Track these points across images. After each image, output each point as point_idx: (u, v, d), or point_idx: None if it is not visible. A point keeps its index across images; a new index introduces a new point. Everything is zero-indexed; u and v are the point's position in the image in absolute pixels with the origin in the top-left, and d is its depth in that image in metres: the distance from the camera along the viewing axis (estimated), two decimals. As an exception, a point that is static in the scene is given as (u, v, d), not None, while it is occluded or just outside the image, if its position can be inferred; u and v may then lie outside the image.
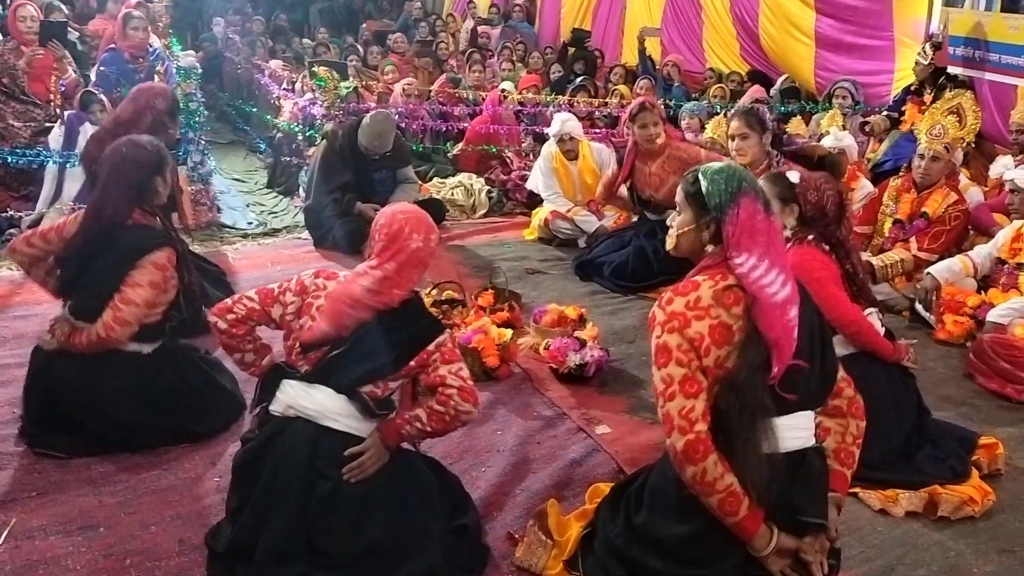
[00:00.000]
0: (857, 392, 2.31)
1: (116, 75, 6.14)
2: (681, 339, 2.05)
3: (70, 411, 3.02)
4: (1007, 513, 2.92)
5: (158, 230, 3.10)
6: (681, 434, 2.02)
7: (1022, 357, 3.77)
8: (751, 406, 2.00)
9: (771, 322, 2.02)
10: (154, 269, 2.99)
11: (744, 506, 2.03)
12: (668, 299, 2.11)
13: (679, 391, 2.04)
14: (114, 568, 2.47)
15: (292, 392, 2.42)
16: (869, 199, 5.09)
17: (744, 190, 2.10)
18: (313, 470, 2.35)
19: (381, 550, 2.37)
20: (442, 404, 2.36)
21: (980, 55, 6.22)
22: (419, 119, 7.30)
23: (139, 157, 3.09)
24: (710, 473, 2.01)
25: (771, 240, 2.09)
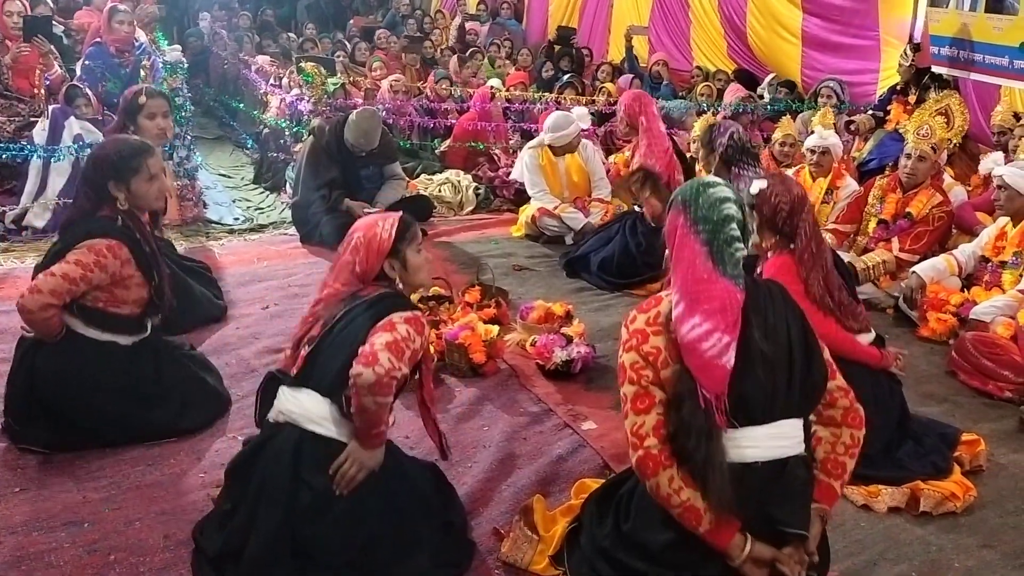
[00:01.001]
0: (856, 403, 2.27)
1: (101, 69, 6.11)
2: (636, 356, 2.09)
3: (52, 404, 3.00)
4: (988, 509, 2.95)
5: (111, 224, 3.05)
6: (633, 450, 2.08)
7: (1004, 355, 3.81)
8: (694, 428, 2.02)
9: (687, 358, 2.04)
10: (86, 251, 2.94)
11: (706, 520, 2.04)
12: (632, 317, 2.16)
13: (631, 409, 2.10)
14: (98, 564, 2.46)
15: (282, 397, 2.44)
16: (854, 198, 5.12)
17: (674, 203, 2.14)
18: (297, 478, 2.34)
19: (371, 553, 2.36)
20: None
21: (964, 55, 6.28)
22: (406, 115, 7.29)
23: (98, 157, 3.11)
24: (663, 488, 2.05)
25: (681, 256, 2.09)
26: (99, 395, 3.02)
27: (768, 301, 2.14)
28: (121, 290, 3.05)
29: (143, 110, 4.22)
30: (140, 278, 3.07)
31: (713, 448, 2.02)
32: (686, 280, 2.07)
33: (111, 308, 3.05)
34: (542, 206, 5.76)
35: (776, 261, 3.00)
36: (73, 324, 3.01)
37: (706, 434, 2.01)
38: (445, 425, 3.31)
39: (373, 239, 2.46)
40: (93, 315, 3.02)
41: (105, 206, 3.06)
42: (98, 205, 3.06)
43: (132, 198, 3.09)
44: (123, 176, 3.05)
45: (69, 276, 2.90)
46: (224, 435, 3.18)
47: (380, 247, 2.46)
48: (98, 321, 3.04)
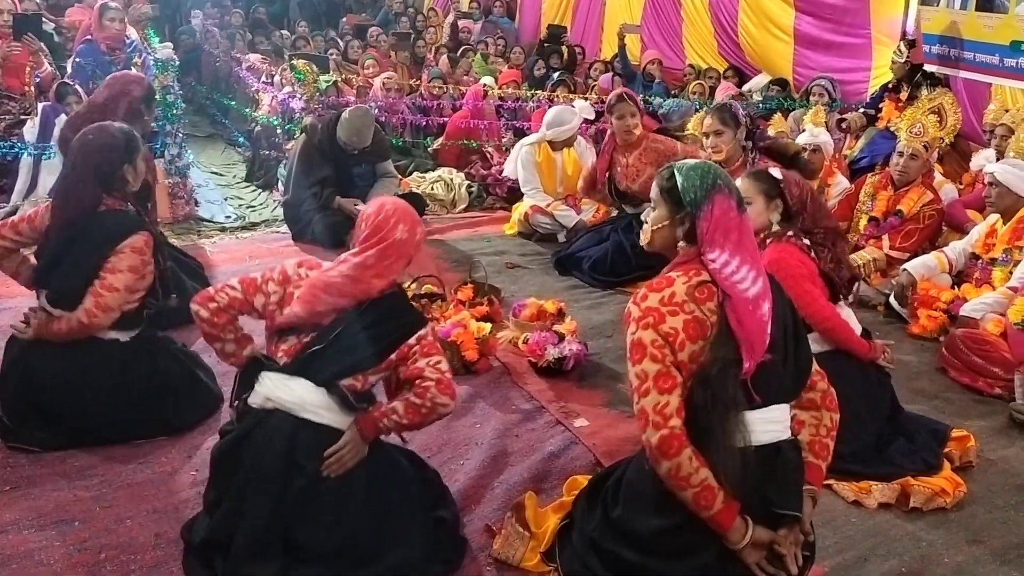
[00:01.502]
0: (830, 385, 2.33)
1: (92, 67, 6.08)
2: (655, 335, 2.06)
3: (45, 402, 2.99)
4: (978, 504, 2.96)
5: (132, 215, 3.08)
6: (656, 429, 2.04)
7: (994, 352, 3.82)
8: (723, 401, 2.02)
9: (742, 318, 2.04)
10: (132, 254, 2.96)
11: (719, 500, 2.05)
12: (643, 295, 2.13)
13: (653, 387, 2.05)
14: (89, 562, 2.45)
15: (270, 384, 2.41)
16: (845, 195, 5.13)
17: (718, 187, 2.12)
18: (291, 463, 2.34)
19: (358, 543, 2.36)
20: (419, 396, 2.36)
21: (955, 53, 6.30)
22: (399, 113, 7.28)
23: (106, 143, 3.05)
24: (684, 468, 2.03)
25: (742, 237, 2.11)
26: (95, 392, 3.01)
27: (773, 289, 2.16)
28: (141, 280, 3.05)
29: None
30: (152, 266, 3.08)
31: (739, 423, 2.04)
32: (753, 255, 2.12)
33: (126, 304, 3.04)
34: (535, 204, 5.76)
35: (778, 247, 3.01)
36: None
37: (735, 405, 2.03)
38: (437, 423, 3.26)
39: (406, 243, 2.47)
40: None
41: (109, 196, 3.04)
42: (100, 197, 3.03)
43: (137, 177, 3.11)
44: (133, 156, 3.08)
45: (131, 287, 2.98)
46: (216, 433, 3.16)
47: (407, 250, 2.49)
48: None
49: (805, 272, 2.98)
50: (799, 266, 2.97)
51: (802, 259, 3.01)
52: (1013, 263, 4.24)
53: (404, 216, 2.45)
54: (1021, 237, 4.26)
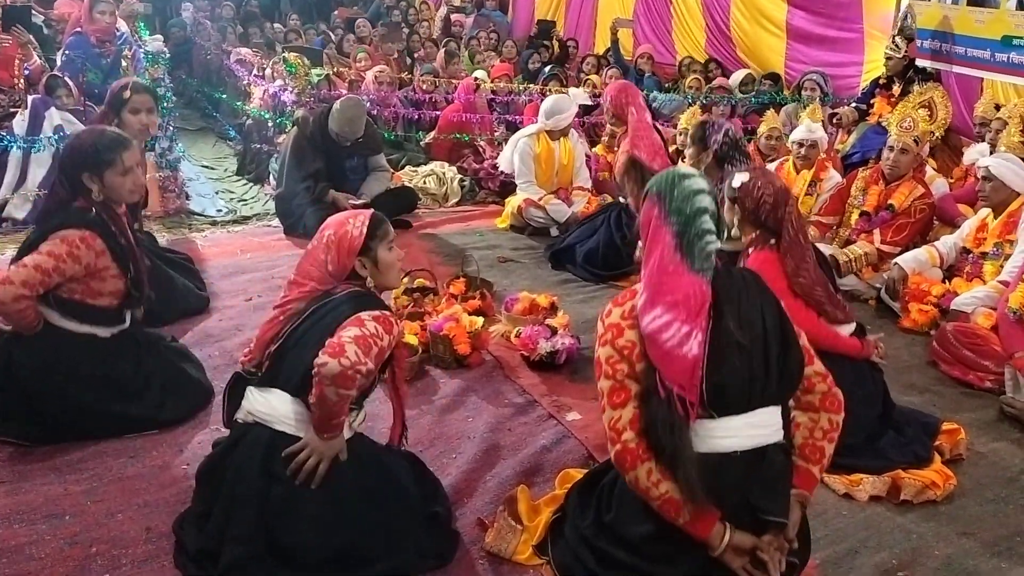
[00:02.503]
0: (834, 386, 2.27)
1: (82, 59, 6.04)
2: (612, 351, 2.09)
3: (31, 397, 2.98)
4: (968, 497, 2.98)
5: (83, 213, 3.01)
6: (612, 444, 2.09)
7: (984, 345, 3.84)
8: (663, 422, 2.02)
9: (647, 349, 2.05)
10: (59, 241, 2.92)
11: (684, 511, 2.05)
12: (608, 311, 2.16)
13: (607, 403, 2.10)
14: (79, 556, 2.44)
15: (251, 398, 2.44)
16: (837, 190, 5.14)
17: (649, 194, 2.14)
18: (269, 474, 2.33)
19: (349, 551, 2.35)
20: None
21: (947, 48, 6.31)
22: (391, 107, 7.26)
23: (75, 146, 3.07)
24: (641, 481, 2.06)
25: (654, 247, 2.08)
26: (78, 387, 3.00)
27: (743, 290, 2.14)
28: (97, 282, 3.02)
29: (127, 104, 4.17)
30: (116, 270, 3.05)
31: (680, 441, 2.02)
32: (652, 271, 2.07)
33: (88, 300, 3.02)
34: (528, 197, 5.75)
35: (758, 256, 3.00)
36: (50, 316, 2.99)
37: (671, 426, 2.01)
38: (430, 417, 3.33)
39: (344, 237, 2.43)
40: (70, 307, 3.00)
41: (80, 196, 3.03)
42: (74, 195, 3.03)
43: (106, 191, 3.05)
44: (97, 168, 3.02)
45: (41, 267, 2.88)
46: (207, 427, 3.16)
47: (351, 245, 2.43)
48: (75, 313, 3.02)
49: (784, 284, 2.94)
50: (778, 278, 2.91)
51: (781, 272, 2.97)
52: (1004, 257, 4.25)
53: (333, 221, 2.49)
54: (1012, 231, 4.28)
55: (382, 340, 2.31)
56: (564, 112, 5.74)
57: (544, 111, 5.81)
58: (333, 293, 2.43)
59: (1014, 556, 2.68)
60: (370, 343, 2.27)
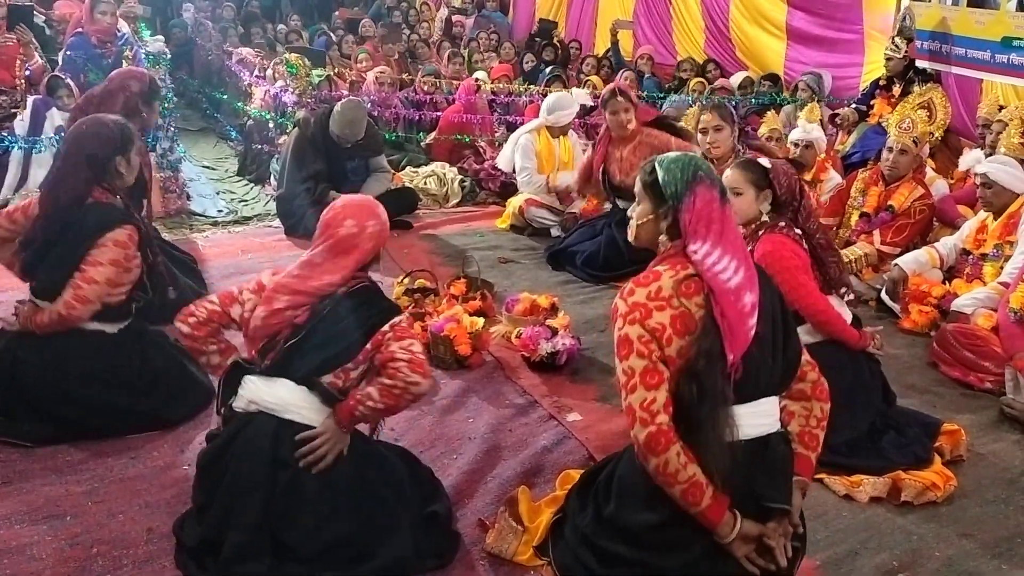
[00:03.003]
0: (821, 375, 2.32)
1: (83, 60, 6.05)
2: (642, 330, 2.06)
3: (35, 395, 2.98)
4: (968, 498, 2.98)
5: (119, 208, 3.06)
6: (643, 426, 2.04)
7: (985, 346, 3.84)
8: (711, 395, 2.02)
9: (725, 309, 2.04)
10: (115, 247, 2.95)
11: (707, 496, 2.05)
12: (630, 290, 2.13)
13: (640, 383, 2.05)
14: (80, 557, 2.45)
15: (252, 387, 2.43)
16: (837, 191, 5.15)
17: (699, 178, 2.12)
18: (276, 461, 2.35)
19: (348, 543, 2.36)
20: (391, 378, 2.33)
21: (946, 49, 6.31)
22: (392, 108, 7.26)
23: (99, 134, 3.04)
24: (672, 464, 2.03)
25: (725, 228, 2.10)
26: (85, 384, 3.00)
27: (763, 280, 2.16)
28: (126, 275, 3.04)
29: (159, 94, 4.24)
30: (139, 261, 3.07)
31: (725, 417, 2.03)
32: (737, 250, 2.10)
33: (107, 297, 3.03)
34: (530, 196, 5.76)
35: (772, 238, 2.99)
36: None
37: (724, 402, 2.02)
38: (430, 418, 3.34)
39: (384, 229, 2.48)
40: None
41: (97, 189, 3.02)
42: (91, 188, 3.02)
43: (130, 171, 3.10)
44: (127, 149, 3.07)
45: (112, 280, 2.96)
46: (207, 427, 3.15)
47: (384, 236, 2.48)
48: None
49: (799, 263, 2.99)
50: (792, 257, 2.98)
51: (795, 250, 3.01)
52: (1004, 258, 4.25)
53: (353, 212, 2.45)
54: (1012, 232, 4.27)
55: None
56: (566, 109, 5.78)
57: (546, 107, 5.85)
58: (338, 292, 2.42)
59: (1015, 557, 2.68)
60: (415, 338, 2.42)
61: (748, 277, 2.08)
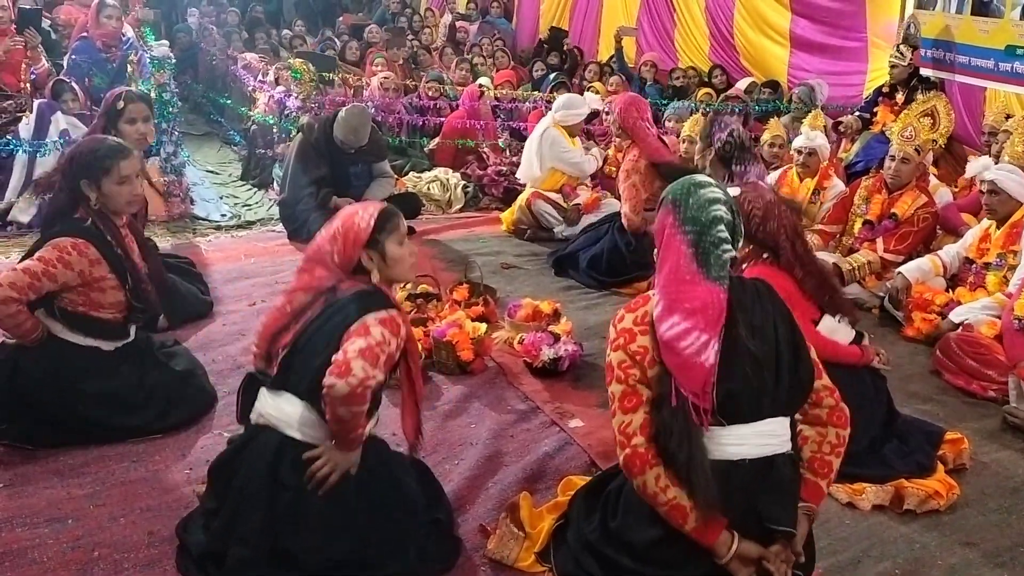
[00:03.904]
0: (841, 402, 2.27)
1: (88, 64, 6.07)
2: (624, 355, 2.10)
3: (36, 402, 2.99)
4: (971, 507, 2.97)
5: (78, 223, 3.04)
6: (621, 448, 2.10)
7: (988, 354, 3.83)
8: (676, 429, 2.02)
9: (663, 358, 2.06)
10: (51, 248, 2.94)
11: (691, 519, 2.05)
12: (620, 316, 2.17)
13: (618, 408, 2.11)
14: (82, 560, 2.44)
15: (262, 400, 2.43)
16: (840, 198, 5.15)
17: (664, 201, 2.14)
18: (275, 481, 2.33)
19: (353, 558, 2.34)
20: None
21: (950, 57, 6.32)
22: (396, 113, 7.27)
23: (75, 153, 3.10)
24: (649, 487, 2.06)
25: (667, 255, 2.09)
26: (81, 400, 3.01)
27: (755, 300, 2.15)
28: (96, 293, 3.03)
29: (123, 115, 4.15)
30: (114, 281, 3.06)
31: (695, 448, 2.02)
32: (669, 280, 2.08)
33: (92, 312, 3.04)
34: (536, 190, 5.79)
35: (752, 271, 2.91)
36: (55, 328, 3.01)
37: (687, 435, 2.02)
38: (432, 423, 3.32)
39: (351, 228, 2.37)
40: (74, 319, 3.02)
41: (80, 205, 3.06)
42: (74, 203, 3.05)
43: (103, 199, 3.06)
44: (94, 176, 3.03)
45: (30, 271, 2.90)
46: (210, 432, 3.17)
47: (357, 237, 2.36)
48: (80, 325, 3.04)
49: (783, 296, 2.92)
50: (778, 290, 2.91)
51: (778, 280, 2.95)
52: (1008, 267, 4.25)
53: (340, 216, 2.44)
54: (1015, 242, 4.27)
55: (389, 345, 2.28)
56: (577, 108, 5.85)
57: (558, 104, 5.92)
58: (339, 290, 2.39)
59: (1017, 566, 2.67)
60: (377, 353, 2.23)
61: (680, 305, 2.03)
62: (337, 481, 2.33)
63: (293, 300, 2.43)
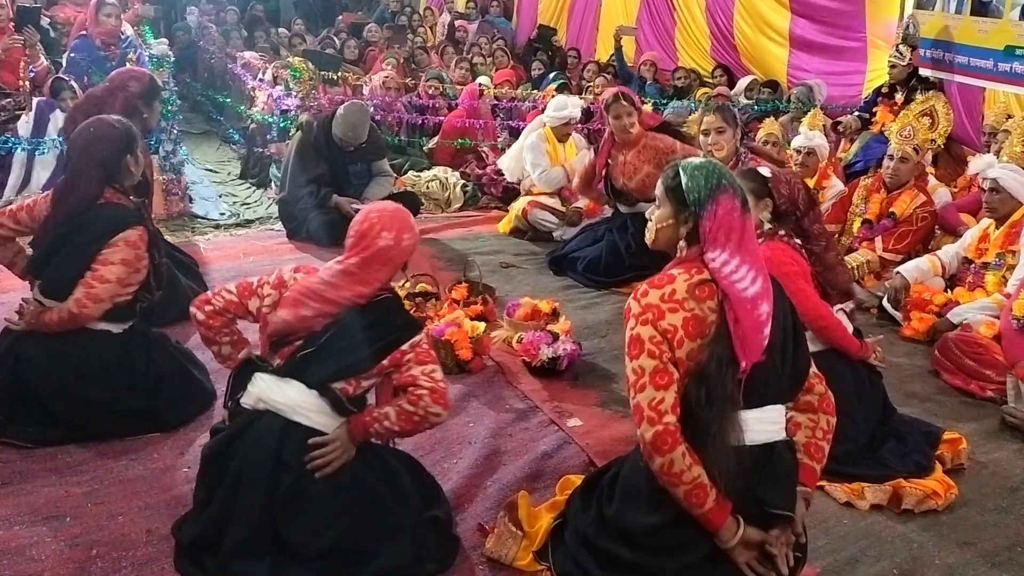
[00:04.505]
0: (828, 389, 2.33)
1: (87, 62, 6.06)
2: (654, 331, 2.07)
3: (37, 394, 2.98)
4: (969, 507, 2.97)
5: (130, 209, 3.08)
6: (650, 425, 2.05)
7: (986, 354, 3.83)
8: (719, 399, 2.03)
9: (740, 317, 2.05)
10: (126, 247, 2.97)
11: (711, 498, 2.06)
12: (643, 291, 2.13)
13: (649, 383, 2.06)
14: (80, 558, 2.44)
15: (263, 385, 2.42)
16: (839, 198, 5.15)
17: (723, 187, 2.12)
18: (280, 462, 2.34)
19: (349, 546, 2.36)
20: (412, 404, 2.35)
21: (949, 57, 6.32)
22: (395, 112, 7.27)
23: (107, 135, 3.05)
24: (677, 465, 2.04)
25: (744, 237, 2.11)
26: (88, 383, 3.00)
27: (774, 290, 2.17)
28: (134, 274, 3.05)
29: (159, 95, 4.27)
30: (147, 260, 3.08)
31: (734, 422, 2.05)
32: (755, 260, 2.11)
33: (118, 297, 3.03)
34: (533, 199, 5.76)
35: (770, 245, 2.99)
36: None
37: (731, 404, 2.03)
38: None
39: (416, 241, 2.49)
40: None
41: (109, 190, 3.04)
42: (102, 190, 3.03)
43: (138, 167, 3.13)
44: (134, 147, 3.09)
45: (123, 280, 2.97)
46: (208, 430, 3.15)
47: (415, 247, 2.50)
48: None
49: (798, 270, 2.99)
50: (792, 264, 2.98)
51: (795, 257, 3.01)
52: (1006, 267, 4.25)
53: (390, 223, 2.41)
54: (1014, 242, 4.27)
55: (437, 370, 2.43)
56: (561, 111, 5.83)
57: (550, 105, 5.95)
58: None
59: (1015, 566, 2.68)
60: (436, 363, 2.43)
61: (764, 287, 2.10)
62: (338, 468, 2.37)
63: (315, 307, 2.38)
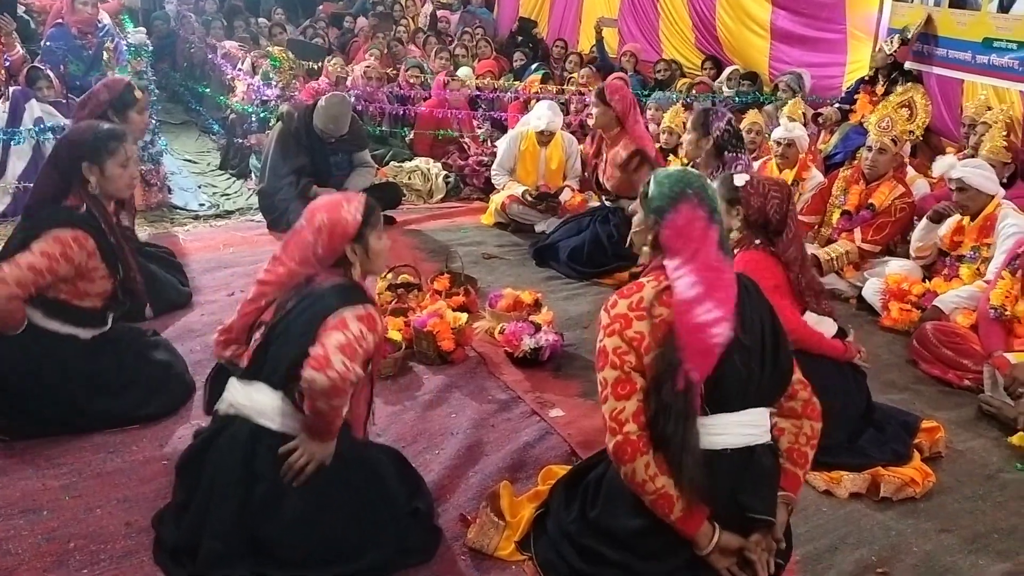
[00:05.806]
0: (813, 395, 2.32)
1: (63, 51, 5.99)
2: (620, 341, 2.10)
3: (12, 392, 2.94)
4: (946, 494, 3.01)
5: (76, 213, 3.00)
6: (611, 435, 2.09)
7: (964, 344, 3.87)
8: (671, 408, 2.03)
9: (679, 320, 2.05)
10: (52, 241, 2.88)
11: (677, 508, 2.07)
12: (613, 302, 2.16)
13: (611, 394, 2.10)
14: (57, 552, 2.42)
15: (233, 390, 2.41)
16: (819, 189, 5.17)
17: (685, 196, 2.12)
18: (249, 471, 2.31)
19: (331, 546, 2.34)
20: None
21: (928, 49, 6.36)
22: (377, 102, 7.23)
23: (74, 141, 3.06)
24: (639, 474, 2.07)
25: (702, 247, 2.10)
26: (58, 386, 2.97)
27: (744, 293, 2.17)
28: (85, 283, 3.00)
29: (136, 104, 4.15)
30: (104, 271, 3.03)
31: (689, 431, 2.04)
32: (706, 267, 2.08)
33: (74, 301, 3.00)
34: (512, 193, 5.76)
35: (746, 256, 3.00)
36: (33, 316, 2.96)
37: (684, 416, 2.03)
38: (413, 413, 3.33)
39: (339, 222, 2.36)
40: (54, 307, 2.98)
41: (71, 193, 3.01)
42: (64, 191, 3.00)
43: (104, 182, 3.04)
44: (99, 157, 3.01)
45: (35, 267, 2.84)
46: (188, 422, 3.14)
47: (345, 230, 2.37)
48: (59, 313, 2.99)
49: (772, 283, 2.94)
50: (769, 277, 2.93)
51: (771, 267, 3.01)
52: (981, 260, 4.28)
53: (316, 205, 2.43)
54: (988, 235, 4.29)
55: (367, 342, 2.28)
56: (543, 121, 5.80)
57: (533, 112, 5.99)
58: (315, 281, 2.38)
59: (991, 552, 2.71)
60: (356, 348, 2.23)
61: (715, 292, 2.06)
62: (313, 472, 2.32)
63: (267, 291, 2.41)
